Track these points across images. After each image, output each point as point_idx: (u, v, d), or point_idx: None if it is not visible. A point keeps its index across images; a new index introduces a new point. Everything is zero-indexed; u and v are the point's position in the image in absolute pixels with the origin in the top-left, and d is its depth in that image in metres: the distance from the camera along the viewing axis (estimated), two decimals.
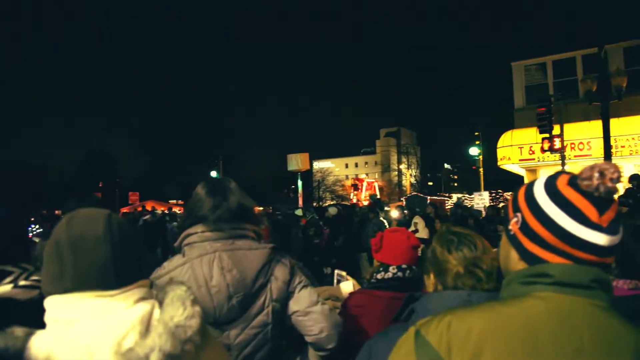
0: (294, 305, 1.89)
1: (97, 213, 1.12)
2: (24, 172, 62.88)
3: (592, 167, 0.99)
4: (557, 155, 15.07)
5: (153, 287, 1.28)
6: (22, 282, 1.54)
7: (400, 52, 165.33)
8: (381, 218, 11.17)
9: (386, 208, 15.60)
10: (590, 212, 0.99)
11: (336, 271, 2.95)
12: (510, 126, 19.12)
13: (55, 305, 1.03)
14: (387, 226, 10.90)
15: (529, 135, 17.38)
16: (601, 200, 0.99)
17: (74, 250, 1.05)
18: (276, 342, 1.89)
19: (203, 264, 1.80)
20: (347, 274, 3.04)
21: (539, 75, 18.56)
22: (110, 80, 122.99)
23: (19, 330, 1.04)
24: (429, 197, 28.83)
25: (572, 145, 16.02)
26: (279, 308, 1.87)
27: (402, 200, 29.13)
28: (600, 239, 0.98)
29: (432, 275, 1.61)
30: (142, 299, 1.08)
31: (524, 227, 1.07)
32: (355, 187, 35.99)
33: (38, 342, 1.00)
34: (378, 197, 25.39)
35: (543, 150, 15.17)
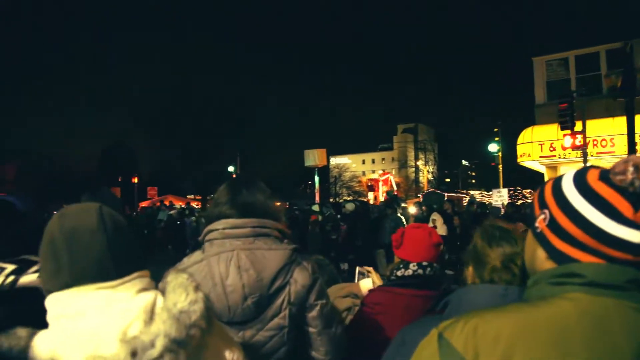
0: (311, 320, 1.82)
1: (88, 207, 1.12)
2: (44, 163, 64.15)
3: (625, 161, 0.95)
4: (579, 152, 14.79)
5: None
6: None
7: (419, 48, 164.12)
8: (398, 214, 11.11)
9: (403, 205, 15.51)
10: (625, 208, 0.94)
11: (358, 268, 2.93)
12: (531, 122, 18.86)
13: (56, 302, 1.03)
14: (405, 223, 10.85)
15: (550, 132, 17.11)
16: (636, 195, 0.94)
17: (69, 244, 1.04)
18: (292, 344, 1.83)
19: (220, 262, 1.77)
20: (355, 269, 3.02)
21: (560, 70, 18.23)
22: (130, 74, 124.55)
23: (22, 331, 1.04)
24: (446, 194, 28.62)
25: (595, 142, 15.73)
26: (296, 312, 1.79)
27: (419, 197, 28.97)
28: (636, 236, 0.93)
29: (471, 268, 1.60)
30: (144, 289, 1.08)
31: (552, 224, 1.02)
32: (371, 187, 35.83)
33: (41, 341, 1.00)
34: (395, 192, 25.27)
35: (564, 147, 14.91)
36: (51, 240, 1.06)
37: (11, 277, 1.48)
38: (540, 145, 17.59)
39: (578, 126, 14.26)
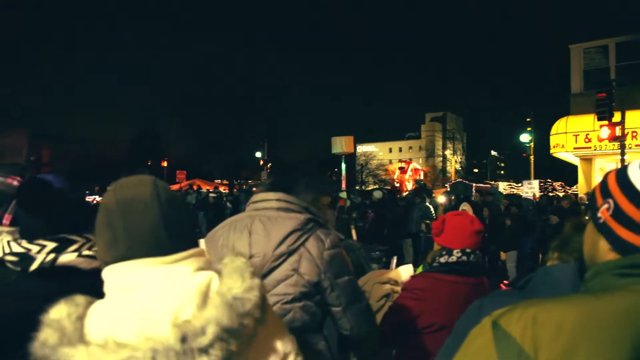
0: (334, 300, 1.77)
1: (143, 178, 1.11)
2: (77, 147, 65.95)
3: None
4: (616, 144, 14.32)
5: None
6: (85, 252, 1.55)
7: (449, 35, 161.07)
8: (427, 204, 10.98)
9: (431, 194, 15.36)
10: None
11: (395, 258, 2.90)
12: (566, 112, 18.39)
13: (113, 274, 1.02)
14: (433, 212, 10.72)
15: (586, 122, 16.62)
16: None
17: (124, 214, 1.03)
18: (304, 318, 1.75)
19: (237, 227, 1.83)
20: (392, 258, 3.01)
21: (599, 58, 17.63)
22: (158, 58, 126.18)
23: (80, 298, 1.04)
24: (474, 185, 28.22)
25: (634, 134, 15.21)
26: (307, 284, 1.73)
27: (446, 187, 28.64)
28: None
29: (554, 254, 1.61)
30: (201, 268, 1.05)
31: (617, 214, 0.97)
32: (402, 169, 35.89)
33: (96, 312, 1.00)
34: (423, 181, 25.04)
35: (601, 139, 14.44)
36: (107, 211, 1.05)
37: (52, 255, 1.48)
38: (575, 136, 17.12)
39: (616, 117, 13.78)
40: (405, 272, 2.61)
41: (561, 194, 20.98)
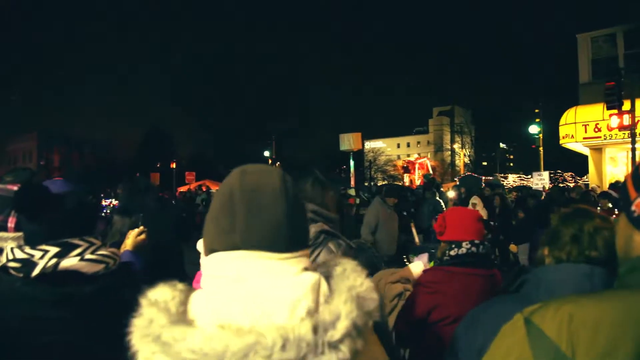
0: None
1: (270, 168, 1.01)
2: (86, 149, 66.53)
3: None
4: (627, 132, 14.15)
5: None
6: (88, 256, 1.55)
7: (455, 27, 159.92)
8: (437, 198, 10.94)
9: (441, 189, 15.29)
10: None
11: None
12: (574, 103, 18.21)
13: (219, 262, 0.93)
14: (444, 206, 10.69)
15: (595, 112, 16.44)
16: None
17: (249, 202, 0.93)
18: None
19: None
20: (401, 255, 3.00)
21: (607, 47, 17.42)
22: (168, 59, 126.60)
23: (180, 284, 0.96)
24: (483, 178, 28.05)
25: None
26: None
27: (455, 181, 28.49)
28: None
29: (545, 250, 1.55)
30: (307, 269, 0.96)
31: None
32: (406, 169, 35.57)
33: (201, 297, 0.92)
34: (432, 176, 24.90)
35: (610, 128, 14.28)
36: (229, 196, 0.95)
37: (54, 260, 1.48)
38: (584, 126, 16.95)
39: (626, 105, 13.61)
40: (416, 268, 2.60)
41: (572, 185, 20.80)
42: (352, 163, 16.94)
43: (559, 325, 0.84)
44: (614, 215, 1.13)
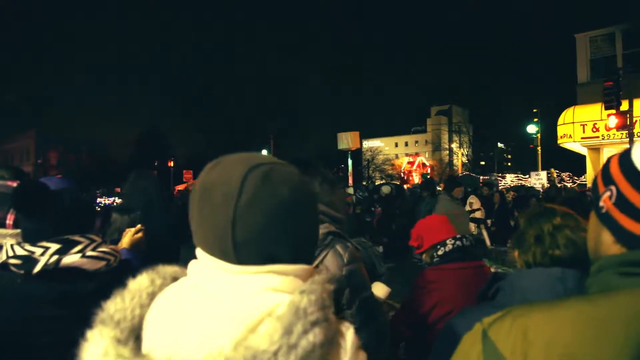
0: (349, 318, 1.67)
1: (246, 160, 0.87)
2: (83, 148, 66.47)
3: None
4: (625, 132, 14.18)
5: None
6: (89, 253, 1.55)
7: (452, 27, 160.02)
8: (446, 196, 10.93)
9: (437, 188, 15.26)
10: None
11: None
12: (572, 102, 18.25)
13: (197, 258, 0.89)
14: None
15: (593, 112, 16.48)
16: None
17: (200, 202, 0.85)
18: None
19: None
20: (400, 254, 3.03)
21: (605, 46, 17.44)
22: (165, 58, 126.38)
23: (169, 272, 0.94)
24: (480, 177, 28.10)
25: None
26: None
27: None
28: None
29: (516, 252, 1.52)
30: (276, 289, 0.81)
31: (621, 202, 0.87)
32: (406, 180, 35.84)
33: (166, 293, 0.88)
34: (429, 175, 24.94)
35: (609, 128, 14.30)
36: (193, 189, 0.89)
37: (55, 257, 1.47)
38: (582, 126, 16.98)
39: (624, 105, 13.62)
40: (380, 290, 2.38)
41: (569, 185, 20.83)
42: (350, 162, 16.93)
43: (514, 342, 0.80)
44: None
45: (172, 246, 3.24)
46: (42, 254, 1.47)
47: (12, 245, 1.51)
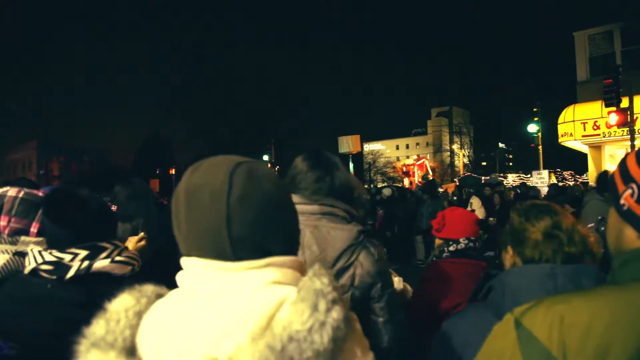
0: (378, 310, 1.75)
1: (226, 161, 0.89)
2: (85, 157, 66.66)
3: None
4: (625, 130, 14.16)
5: None
6: (117, 258, 1.59)
7: (451, 28, 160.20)
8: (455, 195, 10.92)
9: (439, 189, 15.29)
10: None
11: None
12: (572, 101, 18.24)
13: (183, 269, 0.88)
14: (444, 207, 10.69)
15: (594, 110, 16.46)
16: None
17: (187, 205, 0.85)
18: None
19: None
20: (402, 257, 3.02)
21: (604, 44, 17.45)
22: (165, 63, 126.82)
23: (149, 289, 0.91)
24: (483, 178, 28.06)
25: None
26: (359, 297, 1.71)
27: (455, 181, 28.50)
28: None
29: (509, 250, 1.50)
30: (279, 282, 0.83)
31: None
32: (407, 173, 35.71)
33: (156, 309, 0.87)
34: (431, 177, 24.95)
35: (609, 125, 14.28)
36: (175, 197, 0.89)
37: (86, 262, 1.52)
38: (582, 124, 16.95)
39: (624, 102, 13.62)
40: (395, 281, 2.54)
41: (571, 183, 20.79)
42: (351, 165, 16.94)
43: (550, 327, 0.82)
44: None
45: (171, 253, 3.24)
46: (72, 260, 1.51)
47: (39, 252, 1.54)
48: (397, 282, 2.37)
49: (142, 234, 2.58)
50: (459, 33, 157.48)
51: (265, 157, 36.15)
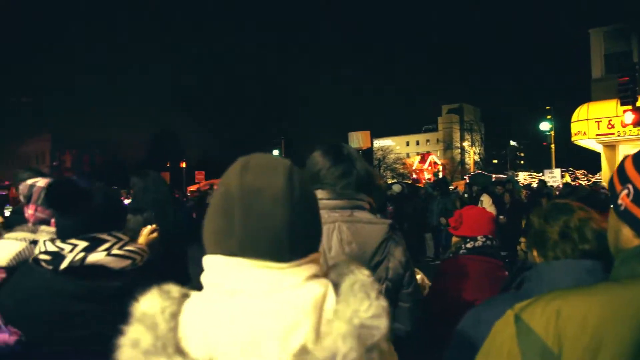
0: (406, 297, 1.83)
1: (275, 162, 0.89)
2: (97, 151, 67.29)
3: None
4: None
5: None
6: (115, 251, 1.58)
7: (464, 24, 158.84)
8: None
9: (450, 187, 15.20)
10: None
11: None
12: (587, 99, 18.03)
13: (216, 268, 0.86)
14: (458, 204, 10.62)
15: (608, 108, 16.26)
16: None
17: (247, 207, 0.84)
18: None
19: (326, 234, 1.72)
20: (412, 254, 3.03)
21: (620, 42, 17.22)
22: (177, 60, 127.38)
23: (174, 289, 0.88)
24: (493, 175, 27.86)
25: None
26: (392, 288, 1.77)
27: (465, 179, 28.35)
28: None
29: (534, 252, 1.52)
30: (314, 276, 0.86)
31: (638, 199, 0.94)
32: (417, 181, 35.81)
33: (193, 309, 0.85)
34: (441, 174, 24.83)
35: (624, 124, 14.09)
36: (227, 196, 0.86)
37: (81, 254, 1.52)
38: (597, 123, 16.76)
39: None
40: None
41: (584, 183, 20.59)
42: None
43: (547, 321, 0.85)
44: None
45: (182, 245, 3.25)
46: (71, 251, 1.52)
47: (45, 241, 1.56)
48: (420, 279, 2.46)
49: (154, 225, 2.58)
50: (472, 30, 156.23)
51: (275, 152, 36.21)
